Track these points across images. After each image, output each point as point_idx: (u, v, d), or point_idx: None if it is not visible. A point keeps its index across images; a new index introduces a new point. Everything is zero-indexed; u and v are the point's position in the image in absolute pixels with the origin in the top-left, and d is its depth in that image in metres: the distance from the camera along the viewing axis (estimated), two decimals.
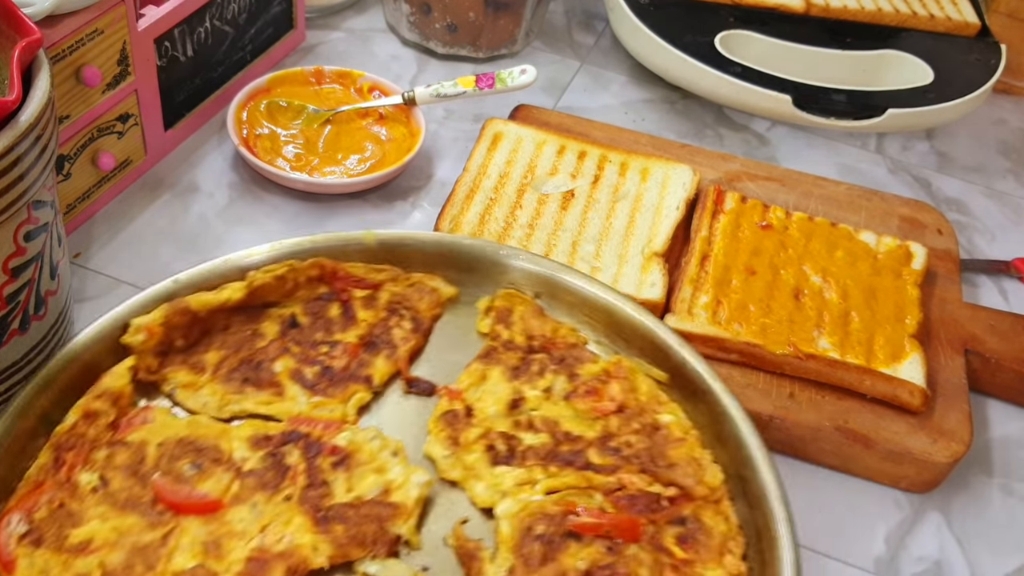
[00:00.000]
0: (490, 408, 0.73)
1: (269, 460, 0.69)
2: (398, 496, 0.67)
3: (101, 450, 0.68)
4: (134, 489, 0.66)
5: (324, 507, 0.66)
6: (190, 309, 0.74)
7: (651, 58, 1.10)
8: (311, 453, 0.69)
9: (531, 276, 0.80)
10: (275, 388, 0.74)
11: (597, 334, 0.79)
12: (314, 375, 0.74)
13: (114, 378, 0.71)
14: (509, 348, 0.77)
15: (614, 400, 0.73)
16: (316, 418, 0.72)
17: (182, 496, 0.66)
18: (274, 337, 0.76)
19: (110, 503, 0.66)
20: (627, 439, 0.71)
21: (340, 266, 0.79)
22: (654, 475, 0.69)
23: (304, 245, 0.79)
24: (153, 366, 0.73)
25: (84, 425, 0.68)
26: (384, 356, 0.76)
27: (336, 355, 0.76)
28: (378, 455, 0.69)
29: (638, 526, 0.66)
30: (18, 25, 0.66)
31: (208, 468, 0.68)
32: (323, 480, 0.68)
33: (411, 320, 0.78)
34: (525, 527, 0.65)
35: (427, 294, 0.80)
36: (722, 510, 0.68)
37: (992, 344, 0.86)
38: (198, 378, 0.73)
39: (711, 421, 0.72)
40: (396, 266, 0.81)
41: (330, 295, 0.79)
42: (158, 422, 0.70)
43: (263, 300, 0.78)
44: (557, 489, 0.68)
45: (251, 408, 0.73)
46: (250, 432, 0.71)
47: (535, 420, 0.72)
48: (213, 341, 0.75)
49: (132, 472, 0.67)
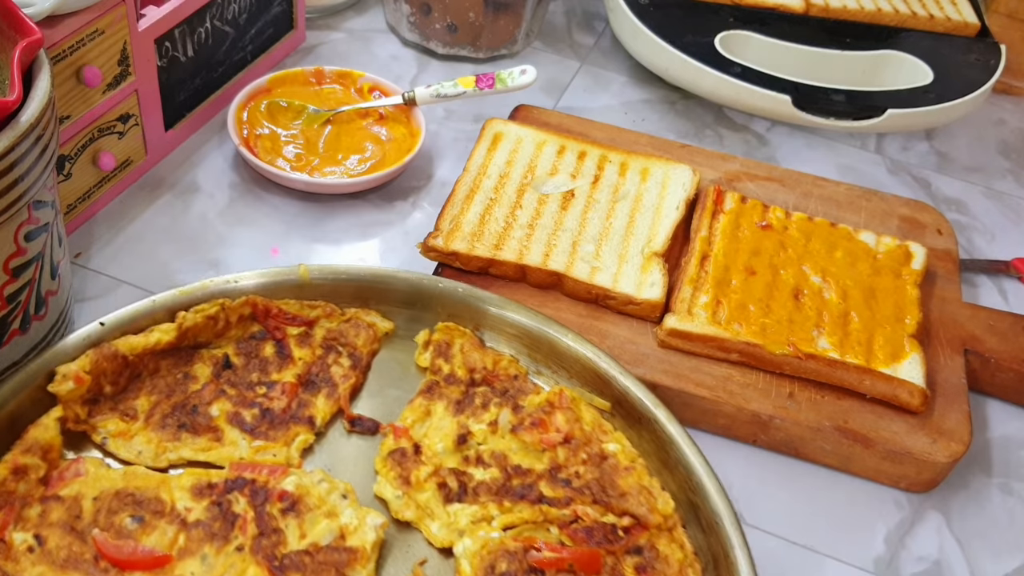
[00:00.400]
0: (438, 444, 0.72)
1: (215, 509, 0.66)
2: (354, 540, 0.65)
3: (34, 507, 0.65)
4: (74, 547, 0.63)
5: (279, 556, 0.64)
6: (119, 353, 0.71)
7: (651, 58, 1.10)
8: (258, 500, 0.67)
9: (469, 308, 0.79)
10: (213, 433, 0.71)
11: (539, 364, 0.78)
12: (253, 418, 0.72)
13: (42, 430, 0.67)
14: (451, 382, 0.76)
15: (560, 431, 0.73)
16: (259, 463, 0.69)
17: (127, 552, 0.63)
18: (207, 380, 0.74)
19: (48, 562, 0.62)
20: (576, 469, 0.71)
21: (272, 303, 0.77)
22: (607, 505, 0.69)
23: (234, 282, 0.77)
24: (82, 415, 0.70)
25: (13, 481, 0.65)
26: (324, 395, 0.75)
27: (275, 396, 0.73)
28: (327, 498, 0.67)
29: (599, 558, 0.66)
30: (19, 25, 0.66)
31: (150, 521, 0.65)
32: (274, 527, 0.65)
33: (349, 357, 0.77)
34: (487, 565, 0.65)
35: (364, 329, 0.78)
36: (676, 537, 0.68)
37: (991, 344, 0.86)
38: (130, 426, 0.71)
39: (656, 448, 0.72)
40: (331, 301, 0.79)
41: (263, 334, 0.77)
42: (91, 474, 0.67)
43: (194, 341, 0.75)
44: (513, 524, 0.68)
45: (189, 455, 0.70)
46: (191, 481, 0.68)
47: (484, 455, 0.72)
48: (143, 386, 0.73)
49: (69, 529, 0.64)
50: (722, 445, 0.81)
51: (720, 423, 0.81)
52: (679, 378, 0.80)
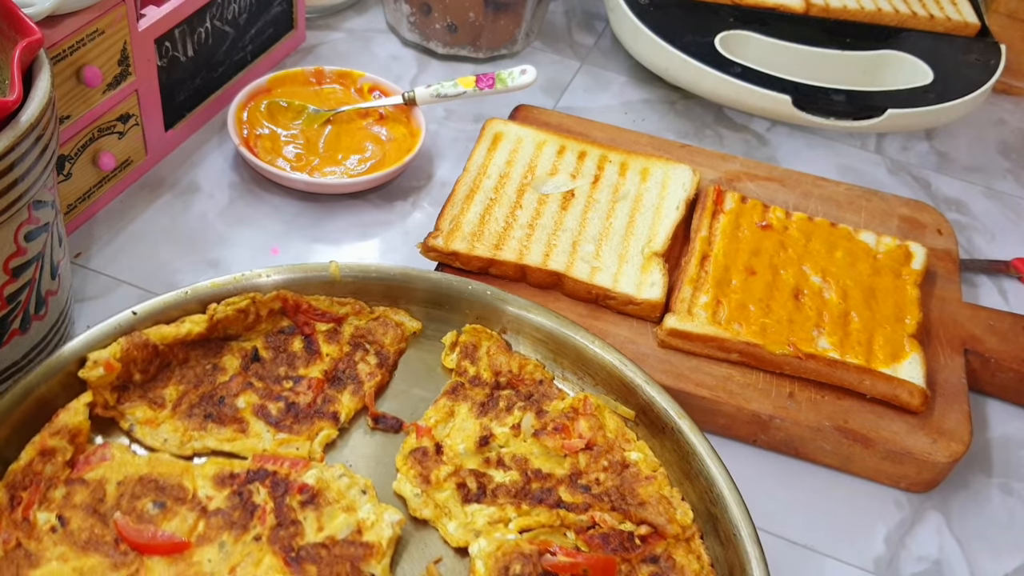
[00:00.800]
0: (459, 445, 0.73)
1: (235, 499, 0.67)
2: (371, 536, 0.66)
3: (59, 488, 0.66)
4: (95, 529, 0.64)
5: (295, 547, 0.65)
6: (150, 342, 0.72)
7: (651, 58, 1.10)
8: (279, 492, 0.68)
9: (497, 311, 0.79)
10: (238, 424, 0.72)
11: (564, 370, 0.78)
12: (278, 411, 0.73)
13: (71, 414, 0.68)
14: (476, 384, 0.77)
15: (582, 437, 0.73)
16: (282, 455, 0.71)
17: (147, 536, 0.64)
18: (235, 372, 0.75)
19: (70, 543, 0.64)
20: (596, 476, 0.71)
21: (303, 299, 0.78)
22: (625, 513, 0.69)
23: (266, 276, 0.78)
24: (111, 401, 0.71)
25: (40, 463, 0.66)
26: (350, 392, 0.75)
27: (301, 391, 0.74)
28: (347, 493, 0.68)
29: (614, 565, 0.65)
30: (19, 25, 0.66)
31: (172, 507, 0.66)
32: (293, 519, 0.66)
33: (376, 355, 0.78)
34: (501, 567, 0.65)
35: (392, 328, 0.79)
36: (694, 548, 0.68)
37: (992, 344, 0.86)
38: (157, 414, 0.72)
39: (679, 458, 0.72)
40: (360, 299, 0.80)
41: (292, 329, 0.78)
42: (117, 459, 0.68)
43: (224, 333, 0.76)
44: (530, 527, 0.68)
45: (214, 445, 0.71)
46: (214, 470, 0.69)
47: (505, 457, 0.72)
48: (172, 375, 0.74)
49: (92, 511, 0.65)
50: (722, 445, 0.81)
51: (720, 423, 0.81)
52: (679, 378, 0.80)
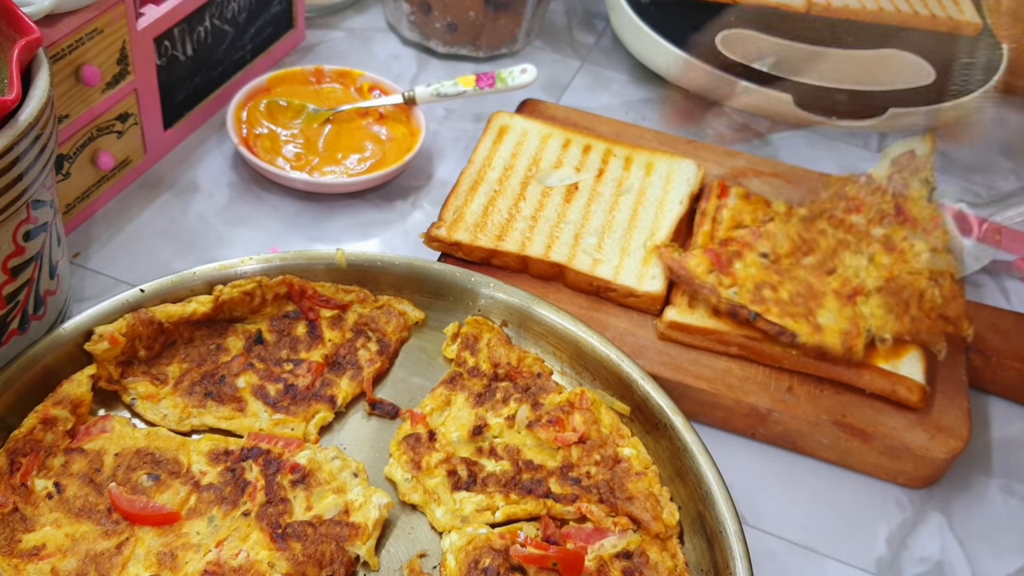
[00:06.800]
0: (453, 433, 0.74)
1: (228, 475, 0.69)
2: (358, 517, 0.67)
3: (58, 457, 0.68)
4: (90, 497, 0.67)
5: (282, 524, 0.66)
6: (155, 320, 0.74)
7: (652, 57, 1.10)
8: (271, 470, 0.69)
9: (500, 304, 0.81)
10: (237, 403, 0.74)
11: (562, 364, 0.79)
12: (277, 392, 0.75)
13: (74, 385, 0.71)
14: (474, 375, 0.77)
15: (576, 431, 0.73)
16: (277, 435, 0.72)
17: (138, 507, 0.66)
18: (238, 352, 0.77)
19: (64, 510, 0.66)
20: (587, 470, 0.72)
21: (308, 285, 0.79)
22: (612, 506, 0.70)
23: (273, 262, 0.79)
24: (115, 375, 0.73)
25: (41, 431, 0.68)
26: (349, 377, 0.77)
27: (300, 373, 0.76)
28: (338, 475, 0.69)
29: (582, 558, 0.66)
30: (18, 24, 0.66)
31: (166, 480, 0.68)
32: (282, 497, 0.68)
33: (377, 342, 0.79)
34: (471, 560, 0.66)
35: (395, 317, 0.80)
36: (669, 547, 0.68)
37: (994, 342, 0.86)
38: (159, 390, 0.74)
39: (671, 456, 0.72)
40: (364, 287, 0.81)
41: (297, 313, 0.79)
42: (116, 432, 0.70)
43: (229, 315, 0.78)
44: (517, 516, 0.69)
45: (212, 422, 0.73)
46: (210, 446, 0.71)
47: (497, 447, 0.73)
48: (176, 353, 0.76)
49: (88, 480, 0.67)
50: (721, 438, 0.81)
51: (718, 416, 0.81)
52: (678, 370, 0.80)
